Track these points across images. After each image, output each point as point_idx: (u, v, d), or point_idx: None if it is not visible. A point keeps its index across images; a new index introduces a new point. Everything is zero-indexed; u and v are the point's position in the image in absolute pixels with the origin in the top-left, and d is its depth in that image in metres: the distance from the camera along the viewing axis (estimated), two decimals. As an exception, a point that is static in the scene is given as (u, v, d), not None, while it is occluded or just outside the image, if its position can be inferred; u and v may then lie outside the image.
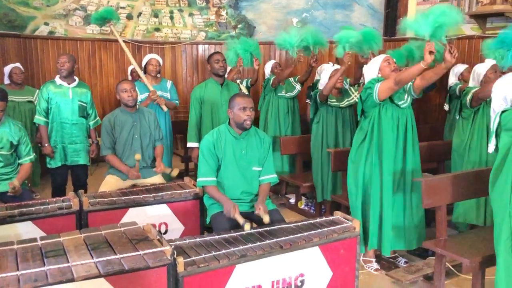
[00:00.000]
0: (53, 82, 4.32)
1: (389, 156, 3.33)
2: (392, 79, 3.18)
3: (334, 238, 2.69)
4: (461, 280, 3.32)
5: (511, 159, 2.51)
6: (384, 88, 3.21)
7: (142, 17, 7.22)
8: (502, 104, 2.58)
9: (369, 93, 3.30)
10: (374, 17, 7.14)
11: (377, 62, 3.44)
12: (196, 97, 4.34)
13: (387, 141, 3.33)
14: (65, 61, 4.25)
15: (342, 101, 4.43)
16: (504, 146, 2.55)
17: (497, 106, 2.60)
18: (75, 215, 2.98)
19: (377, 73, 3.40)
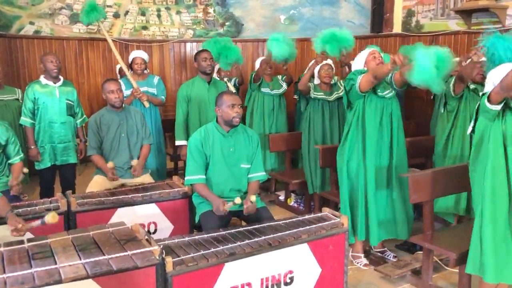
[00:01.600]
0: (38, 82, 4.26)
1: (373, 147, 3.36)
2: (370, 72, 3.24)
3: (322, 235, 2.70)
4: (448, 273, 3.36)
5: (486, 142, 2.59)
6: (364, 81, 3.26)
7: (129, 15, 7.17)
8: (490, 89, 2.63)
9: (352, 84, 3.34)
10: (361, 13, 7.16)
11: (363, 55, 3.50)
12: (183, 95, 4.34)
13: (371, 132, 3.36)
14: (58, 61, 4.23)
15: (331, 94, 4.46)
16: (480, 128, 2.64)
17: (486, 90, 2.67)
18: (63, 216, 2.96)
19: (363, 65, 3.48)
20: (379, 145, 3.38)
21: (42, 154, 4.21)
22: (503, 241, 2.59)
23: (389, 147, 3.42)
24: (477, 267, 2.64)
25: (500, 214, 2.58)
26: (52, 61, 4.18)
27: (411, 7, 6.35)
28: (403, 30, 6.47)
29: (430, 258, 3.18)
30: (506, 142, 2.58)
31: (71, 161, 4.33)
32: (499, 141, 2.57)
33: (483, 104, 2.57)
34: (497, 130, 2.58)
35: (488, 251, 2.57)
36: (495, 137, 2.58)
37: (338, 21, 7.30)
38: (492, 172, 2.58)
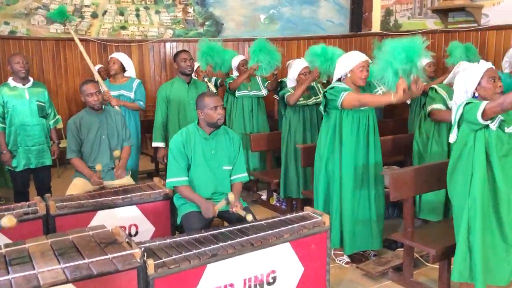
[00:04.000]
0: (7, 84, 4.11)
1: (350, 153, 3.37)
2: (358, 99, 3.21)
3: (304, 234, 2.71)
4: (429, 269, 3.40)
5: (469, 151, 2.63)
6: (348, 101, 3.23)
7: (108, 15, 7.10)
8: (463, 96, 2.68)
9: (333, 98, 3.30)
10: (340, 13, 7.22)
11: (352, 61, 3.34)
12: (162, 96, 4.28)
13: (347, 139, 3.36)
14: (25, 61, 4.09)
15: (309, 98, 4.45)
16: (463, 137, 2.67)
17: (458, 98, 2.70)
18: (42, 220, 2.91)
19: (348, 72, 3.35)
20: (356, 150, 3.38)
21: (15, 158, 4.10)
22: (492, 248, 2.65)
23: (366, 152, 3.42)
24: (466, 275, 2.68)
25: (488, 222, 2.64)
26: (19, 62, 4.04)
27: (389, 6, 6.42)
28: (382, 29, 6.54)
29: (410, 255, 3.22)
30: (488, 151, 2.61)
31: (46, 163, 4.24)
32: (483, 150, 2.60)
33: (469, 116, 2.57)
34: (481, 139, 2.61)
35: (478, 260, 2.61)
36: (479, 146, 2.61)
37: (318, 20, 7.35)
38: (478, 181, 2.61)
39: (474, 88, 2.66)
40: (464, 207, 2.67)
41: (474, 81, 2.65)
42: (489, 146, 2.61)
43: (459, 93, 2.72)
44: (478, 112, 2.51)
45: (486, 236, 2.63)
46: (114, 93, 4.69)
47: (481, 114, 2.50)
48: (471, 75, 2.67)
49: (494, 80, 2.61)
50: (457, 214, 2.75)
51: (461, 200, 2.70)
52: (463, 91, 2.70)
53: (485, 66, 2.67)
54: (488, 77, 2.62)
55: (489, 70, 2.65)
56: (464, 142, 2.67)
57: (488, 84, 2.61)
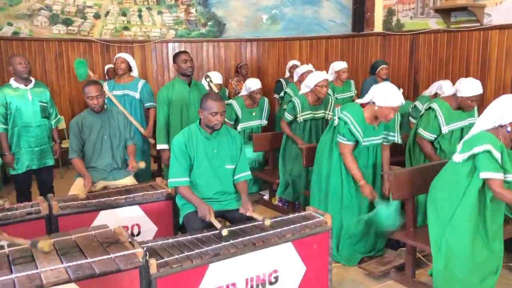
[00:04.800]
0: (9, 85, 4.10)
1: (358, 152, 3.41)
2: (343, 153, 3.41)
3: (306, 233, 2.71)
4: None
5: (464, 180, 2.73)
6: (340, 147, 3.41)
7: (110, 16, 7.11)
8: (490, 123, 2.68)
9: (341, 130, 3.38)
10: (343, 13, 7.22)
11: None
12: (164, 98, 4.25)
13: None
14: (27, 62, 4.09)
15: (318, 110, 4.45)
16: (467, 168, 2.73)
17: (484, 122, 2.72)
18: (45, 220, 2.92)
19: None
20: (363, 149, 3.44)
21: (17, 159, 4.09)
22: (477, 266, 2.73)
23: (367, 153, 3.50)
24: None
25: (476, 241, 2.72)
26: (21, 62, 4.03)
27: (391, 6, 6.42)
28: (384, 29, 6.54)
29: (413, 254, 3.22)
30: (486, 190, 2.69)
31: (49, 164, 4.24)
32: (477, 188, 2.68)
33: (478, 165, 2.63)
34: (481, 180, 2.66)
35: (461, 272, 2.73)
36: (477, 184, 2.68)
37: (320, 20, 7.35)
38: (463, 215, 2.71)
39: (509, 122, 2.63)
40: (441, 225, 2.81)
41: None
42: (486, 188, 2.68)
43: (488, 117, 2.69)
44: (482, 175, 2.59)
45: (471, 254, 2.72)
46: (119, 92, 4.71)
47: (484, 178, 2.59)
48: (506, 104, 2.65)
49: None
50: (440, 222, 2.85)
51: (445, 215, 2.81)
52: (496, 117, 2.65)
53: None
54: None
55: None
56: (466, 172, 2.72)
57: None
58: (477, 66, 5.37)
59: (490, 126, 2.67)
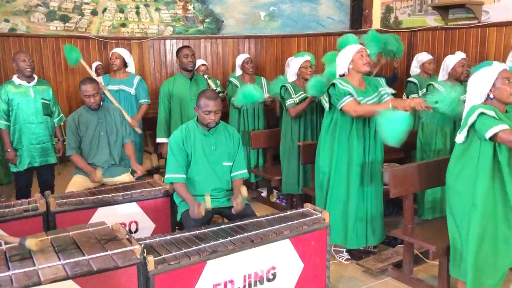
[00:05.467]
0: (11, 82, 4.10)
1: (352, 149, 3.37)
2: (353, 109, 3.22)
3: (304, 230, 2.71)
4: (429, 266, 3.41)
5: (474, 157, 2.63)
6: (347, 109, 3.26)
7: (108, 12, 7.09)
8: (477, 98, 2.65)
9: (335, 100, 3.31)
10: (341, 9, 7.20)
11: (350, 53, 3.34)
12: (165, 92, 4.30)
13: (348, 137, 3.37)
14: (31, 59, 4.08)
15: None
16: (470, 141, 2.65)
17: (472, 100, 2.68)
18: (42, 217, 2.92)
19: (349, 64, 3.34)
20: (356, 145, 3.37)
21: (19, 156, 4.09)
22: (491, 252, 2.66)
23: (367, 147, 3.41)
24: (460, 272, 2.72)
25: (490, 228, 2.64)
26: (25, 59, 4.02)
27: (389, 3, 6.41)
28: (382, 26, 6.53)
29: (410, 251, 3.23)
30: (499, 159, 2.60)
31: (51, 162, 4.24)
32: (489, 158, 2.59)
33: (480, 129, 2.54)
34: (489, 147, 2.59)
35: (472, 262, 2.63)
36: (485, 154, 2.60)
37: (318, 17, 7.33)
38: (482, 189, 2.60)
39: (488, 90, 2.60)
40: (465, 211, 2.67)
41: (488, 83, 2.60)
42: (500, 154, 2.59)
43: (473, 95, 2.67)
44: (488, 133, 2.49)
45: (485, 240, 2.64)
46: (114, 87, 4.70)
47: (491, 136, 2.50)
48: (485, 76, 2.62)
49: (509, 81, 2.57)
50: (457, 214, 2.75)
51: (462, 203, 2.70)
52: (477, 92, 2.64)
53: (499, 67, 2.62)
54: (502, 78, 2.57)
55: (503, 71, 2.60)
56: (471, 147, 2.65)
57: (504, 85, 2.56)
58: (475, 63, 5.36)
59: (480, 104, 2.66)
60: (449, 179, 2.79)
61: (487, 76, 2.61)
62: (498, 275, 2.71)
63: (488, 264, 2.67)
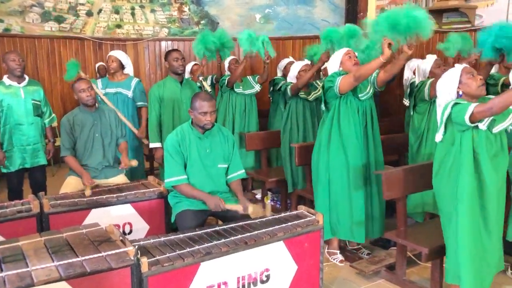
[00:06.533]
0: (2, 83, 4.05)
1: (350, 146, 3.39)
2: (351, 74, 3.24)
3: (298, 232, 2.72)
4: (422, 268, 3.43)
5: (456, 151, 2.66)
6: (344, 83, 3.27)
7: (103, 13, 7.08)
8: (447, 98, 2.71)
9: (330, 86, 3.35)
10: (336, 12, 7.23)
11: (338, 55, 3.49)
12: (155, 96, 4.24)
13: (348, 133, 3.39)
14: (21, 59, 4.05)
15: (309, 94, 4.48)
16: (450, 137, 2.70)
17: (443, 100, 2.73)
18: (36, 218, 2.91)
19: (339, 66, 3.46)
20: (356, 144, 3.40)
21: (10, 157, 4.05)
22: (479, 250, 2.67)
23: (366, 146, 3.46)
24: (456, 276, 2.70)
25: (476, 223, 2.66)
26: (15, 59, 3.99)
27: (384, 6, 6.44)
28: (377, 29, 6.55)
29: (403, 253, 3.25)
30: (478, 151, 2.63)
31: (42, 163, 4.20)
32: (470, 150, 2.62)
33: (457, 118, 2.58)
34: (468, 139, 2.63)
35: (465, 262, 2.63)
36: (466, 147, 2.63)
37: (313, 20, 7.36)
38: (466, 182, 2.63)
39: (456, 87, 2.68)
40: (452, 209, 2.69)
41: (454, 81, 2.69)
42: (478, 146, 2.62)
43: (443, 95, 2.75)
44: (466, 115, 2.52)
45: (474, 238, 2.65)
46: (111, 90, 4.68)
47: (469, 117, 2.52)
48: (450, 77, 2.72)
49: (473, 75, 2.66)
50: (444, 215, 2.77)
51: (448, 201, 2.73)
52: (446, 93, 2.72)
53: (460, 66, 2.73)
54: (466, 73, 2.67)
55: (465, 68, 2.70)
56: (451, 142, 2.69)
57: (469, 79, 2.65)
58: (468, 66, 5.40)
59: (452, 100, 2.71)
60: (434, 180, 2.83)
61: (452, 75, 2.71)
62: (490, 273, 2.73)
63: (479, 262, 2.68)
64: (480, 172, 2.64)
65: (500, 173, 2.69)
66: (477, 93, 2.65)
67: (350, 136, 3.39)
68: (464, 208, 2.63)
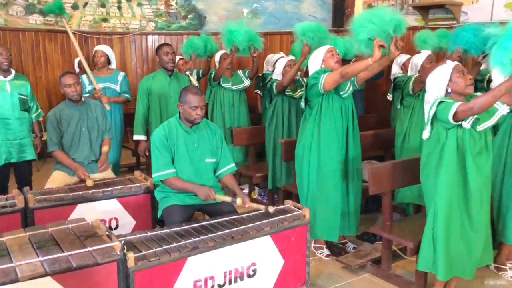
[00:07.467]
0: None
1: (330, 143, 3.42)
2: (338, 72, 3.25)
3: (284, 227, 2.74)
4: (407, 262, 3.47)
5: (441, 148, 2.70)
6: (330, 80, 3.28)
7: (89, 7, 7.00)
8: (436, 94, 2.74)
9: (314, 83, 3.36)
10: (323, 8, 7.25)
11: (320, 53, 3.48)
12: (144, 89, 4.25)
13: (330, 130, 3.41)
14: (8, 53, 4.00)
15: (296, 91, 4.49)
16: (436, 134, 2.73)
17: (431, 97, 2.76)
18: (20, 213, 2.87)
19: (321, 64, 3.45)
20: (336, 142, 3.42)
21: None
22: (455, 240, 2.72)
23: (346, 144, 3.48)
24: (430, 264, 2.77)
25: (457, 217, 2.71)
26: (2, 53, 3.94)
27: (371, 2, 6.48)
28: (364, 25, 6.58)
29: (389, 247, 3.28)
30: (462, 148, 2.67)
31: (28, 158, 4.15)
32: (454, 148, 2.67)
33: (441, 116, 2.62)
34: (453, 137, 2.67)
35: (441, 251, 2.70)
36: (450, 144, 2.67)
37: (301, 15, 7.36)
38: (446, 178, 2.68)
39: (446, 84, 2.71)
40: (431, 201, 2.76)
41: (445, 78, 2.71)
42: (463, 144, 2.66)
43: (432, 92, 2.78)
44: (450, 114, 2.56)
45: (451, 230, 2.70)
46: (99, 85, 4.66)
47: (453, 116, 2.57)
48: (441, 73, 2.75)
49: (463, 74, 2.69)
50: (428, 207, 2.83)
51: (429, 194, 2.79)
52: (436, 89, 2.76)
53: (452, 63, 2.76)
54: (457, 72, 2.69)
55: (456, 66, 2.73)
56: (436, 139, 2.73)
57: (459, 78, 2.68)
58: (454, 62, 5.46)
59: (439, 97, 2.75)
60: (421, 175, 2.87)
61: (443, 72, 2.73)
62: (471, 265, 2.78)
63: (459, 252, 2.73)
64: (464, 169, 2.69)
65: (483, 170, 2.74)
66: (465, 91, 2.68)
67: (331, 134, 3.41)
68: (442, 201, 2.69)
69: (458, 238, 2.72)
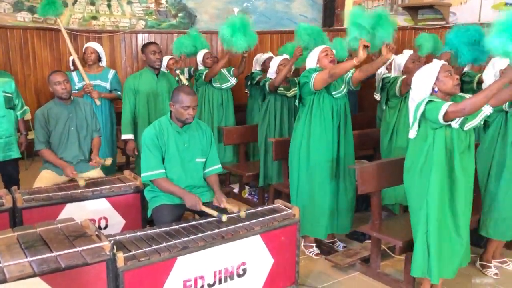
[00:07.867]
0: None
1: (322, 142, 3.44)
2: (326, 71, 3.28)
3: (274, 226, 2.75)
4: (396, 261, 3.49)
5: (429, 148, 2.71)
6: (319, 79, 3.31)
7: (78, 4, 6.94)
8: (422, 93, 2.75)
9: (306, 81, 3.39)
10: (313, 7, 7.27)
11: (316, 52, 3.52)
12: (130, 88, 4.20)
13: (320, 129, 3.43)
14: None
15: (289, 90, 4.50)
16: (423, 134, 2.74)
17: (417, 96, 2.77)
18: (8, 213, 2.85)
19: (316, 63, 3.49)
20: (326, 141, 3.45)
21: None
22: (446, 242, 2.74)
23: (337, 143, 3.50)
24: (425, 270, 2.77)
25: (443, 217, 2.72)
26: None
27: (361, 2, 6.50)
28: (354, 25, 6.61)
29: (378, 246, 3.31)
30: (451, 148, 2.69)
31: (14, 156, 4.10)
32: (442, 147, 2.68)
33: (430, 115, 2.62)
34: (441, 137, 2.68)
35: (434, 255, 2.71)
36: (439, 144, 2.68)
37: (291, 15, 7.38)
38: (437, 179, 2.68)
39: (432, 83, 2.72)
40: (422, 204, 2.74)
41: (431, 77, 2.72)
42: (451, 143, 2.68)
43: (418, 91, 2.78)
44: (440, 114, 2.56)
45: (442, 231, 2.72)
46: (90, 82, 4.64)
47: (443, 116, 2.57)
48: (428, 71, 2.75)
49: (450, 74, 2.70)
50: (414, 210, 2.83)
51: (418, 196, 2.78)
52: (422, 88, 2.76)
53: (440, 62, 2.77)
54: (444, 71, 2.70)
55: (444, 65, 2.74)
56: (424, 139, 2.74)
57: (446, 77, 2.69)
58: (442, 62, 5.50)
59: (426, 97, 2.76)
60: (405, 176, 2.88)
61: (430, 71, 2.74)
62: (455, 265, 2.81)
63: (446, 254, 2.75)
64: (452, 168, 2.71)
65: (468, 168, 2.76)
66: (452, 91, 2.70)
67: (321, 132, 3.43)
68: (434, 203, 2.70)
69: (447, 239, 2.74)
